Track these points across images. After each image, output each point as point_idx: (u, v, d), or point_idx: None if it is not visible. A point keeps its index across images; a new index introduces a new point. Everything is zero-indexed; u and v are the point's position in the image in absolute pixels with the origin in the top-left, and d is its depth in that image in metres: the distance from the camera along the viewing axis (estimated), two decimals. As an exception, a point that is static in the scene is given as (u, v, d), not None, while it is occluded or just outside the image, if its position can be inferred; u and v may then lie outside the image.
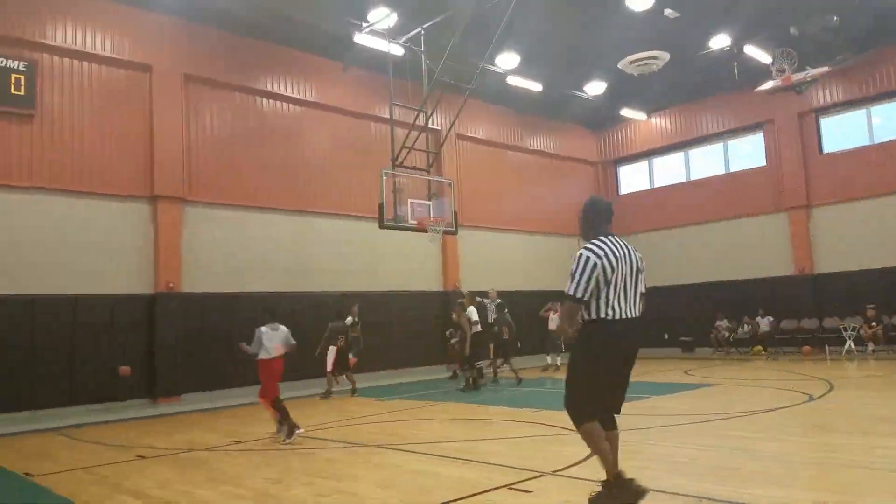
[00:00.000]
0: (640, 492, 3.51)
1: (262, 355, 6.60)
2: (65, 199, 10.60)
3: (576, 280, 3.44)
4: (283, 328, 6.77)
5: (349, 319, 12.08)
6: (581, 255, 3.51)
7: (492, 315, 12.28)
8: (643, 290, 3.70)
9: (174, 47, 11.91)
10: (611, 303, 3.49)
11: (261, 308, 7.16)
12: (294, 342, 6.83)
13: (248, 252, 12.52)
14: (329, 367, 10.73)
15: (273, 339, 6.62)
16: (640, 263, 3.68)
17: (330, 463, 5.76)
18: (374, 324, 13.06)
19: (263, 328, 6.68)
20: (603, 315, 3.49)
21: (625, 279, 3.55)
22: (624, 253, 3.58)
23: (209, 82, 12.47)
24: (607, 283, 3.49)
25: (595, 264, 3.46)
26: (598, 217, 3.68)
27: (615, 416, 3.68)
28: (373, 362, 12.76)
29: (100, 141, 11.07)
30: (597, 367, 3.54)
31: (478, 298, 12.15)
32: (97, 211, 10.94)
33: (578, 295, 3.43)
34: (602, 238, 3.59)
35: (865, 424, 6.42)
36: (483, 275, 15.83)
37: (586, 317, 3.55)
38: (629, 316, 3.54)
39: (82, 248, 10.68)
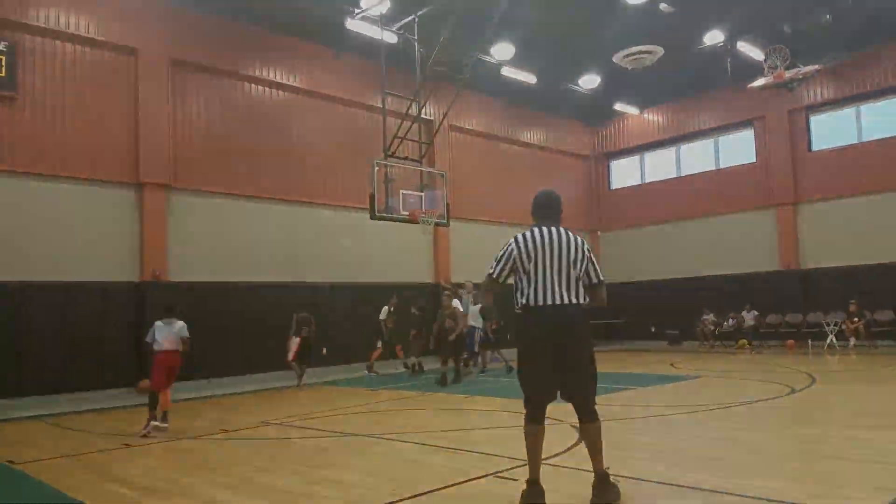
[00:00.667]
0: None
1: (155, 347, 6.89)
2: (47, 185, 10.41)
3: (495, 261, 3.79)
4: (179, 323, 6.98)
5: (385, 310, 12.08)
6: (508, 241, 3.79)
7: (467, 307, 12.31)
8: (596, 280, 3.76)
9: (161, 30, 11.68)
10: (534, 289, 3.65)
11: (163, 305, 7.28)
12: (187, 335, 6.93)
13: (236, 241, 12.39)
14: (290, 357, 10.81)
15: (162, 333, 6.87)
16: (573, 252, 3.68)
17: (318, 452, 5.76)
18: (364, 315, 13.00)
19: (158, 322, 6.95)
20: (526, 301, 3.67)
21: (553, 267, 3.64)
22: (551, 241, 3.68)
23: (197, 67, 12.26)
24: (526, 272, 3.67)
25: (511, 251, 3.74)
26: (536, 209, 3.91)
27: (593, 408, 3.68)
28: (363, 353, 12.74)
29: (84, 125, 10.85)
30: (524, 354, 3.73)
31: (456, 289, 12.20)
32: (81, 196, 10.75)
33: (492, 273, 3.77)
34: (534, 228, 3.79)
35: (846, 417, 6.54)
36: (474, 267, 15.80)
37: (517, 304, 3.74)
38: (556, 303, 3.62)
39: (66, 234, 10.50)
